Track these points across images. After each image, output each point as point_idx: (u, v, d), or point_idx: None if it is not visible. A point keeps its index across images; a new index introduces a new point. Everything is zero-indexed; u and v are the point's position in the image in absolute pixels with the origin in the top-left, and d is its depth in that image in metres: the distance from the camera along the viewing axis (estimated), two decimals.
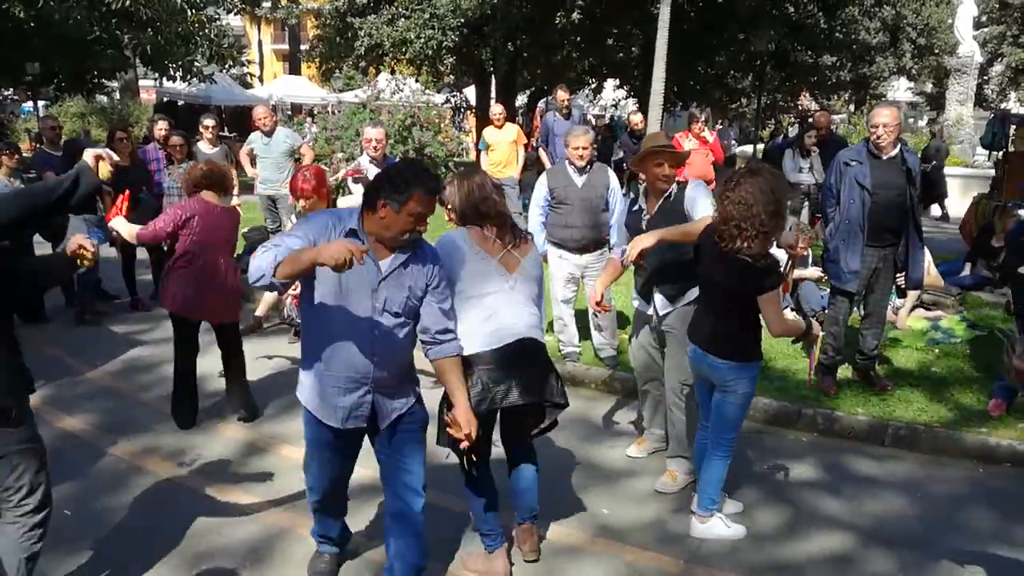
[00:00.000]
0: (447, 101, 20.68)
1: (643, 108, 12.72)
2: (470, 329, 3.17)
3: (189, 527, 3.84)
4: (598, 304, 4.11)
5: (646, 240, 3.87)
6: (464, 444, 2.96)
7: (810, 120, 10.97)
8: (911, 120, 34.16)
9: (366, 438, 3.13)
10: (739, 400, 3.66)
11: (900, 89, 38.84)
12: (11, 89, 24.32)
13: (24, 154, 9.35)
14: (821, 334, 3.74)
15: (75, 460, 4.48)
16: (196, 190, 4.93)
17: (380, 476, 3.14)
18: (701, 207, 3.98)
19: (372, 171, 6.21)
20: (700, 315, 3.81)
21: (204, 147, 7.98)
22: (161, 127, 8.05)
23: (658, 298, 4.14)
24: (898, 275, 5.40)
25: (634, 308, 4.44)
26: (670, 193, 4.07)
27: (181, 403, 4.96)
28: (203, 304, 4.80)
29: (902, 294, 6.08)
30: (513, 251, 3.31)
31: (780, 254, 6.93)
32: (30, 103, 21.46)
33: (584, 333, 6.05)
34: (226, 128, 23.54)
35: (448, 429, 3.03)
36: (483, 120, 16.70)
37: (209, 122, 8.26)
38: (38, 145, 7.35)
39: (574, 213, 5.53)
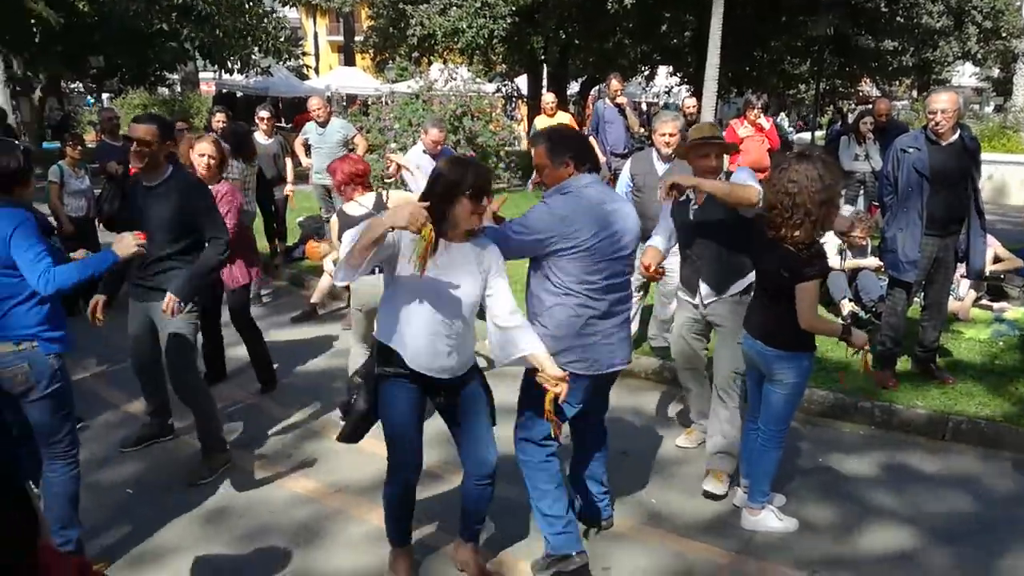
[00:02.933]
0: (498, 90, 20.67)
1: (697, 95, 12.55)
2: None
3: (242, 507, 3.95)
4: (648, 269, 3.84)
5: (686, 180, 3.81)
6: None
7: (869, 106, 10.68)
8: (976, 106, 33.01)
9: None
10: (787, 391, 3.59)
11: (965, 75, 37.55)
12: (77, 83, 25.10)
13: (88, 145, 9.65)
14: (867, 346, 3.55)
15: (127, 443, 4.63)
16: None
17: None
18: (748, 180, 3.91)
19: (426, 162, 6.22)
20: (754, 303, 3.76)
21: (260, 138, 8.14)
22: (219, 118, 8.22)
23: (703, 287, 4.05)
24: (959, 264, 5.25)
25: (677, 297, 4.36)
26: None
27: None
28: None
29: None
30: None
31: (832, 244, 6.82)
32: (94, 96, 22.08)
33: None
34: (283, 119, 23.92)
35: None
36: (535, 109, 16.65)
37: (264, 114, 8.42)
38: (101, 136, 7.57)
39: (652, 202, 5.35)
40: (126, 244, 3.28)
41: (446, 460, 4.28)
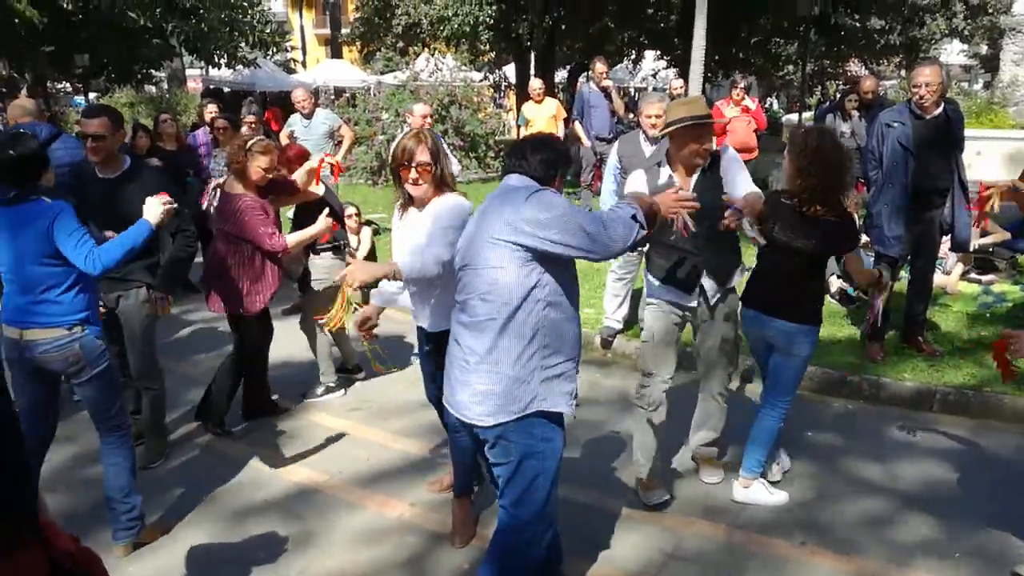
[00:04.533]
0: (485, 78, 20.64)
1: (684, 78, 12.54)
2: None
3: (239, 494, 3.99)
4: None
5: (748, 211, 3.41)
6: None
7: (855, 84, 10.69)
8: (965, 84, 33.01)
9: None
10: (800, 363, 3.69)
11: (953, 52, 37.49)
12: (63, 82, 24.96)
13: None
14: (889, 283, 3.79)
15: None
16: None
17: None
18: (743, 181, 3.66)
19: None
20: (762, 280, 3.72)
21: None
22: (211, 109, 8.22)
23: (708, 282, 3.67)
24: (944, 238, 5.29)
25: (657, 307, 3.78)
26: (706, 165, 3.68)
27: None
28: None
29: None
30: None
31: None
32: (81, 96, 21.99)
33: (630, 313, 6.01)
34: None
35: None
36: (523, 97, 16.64)
37: (250, 118, 8.27)
38: None
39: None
40: (154, 210, 3.35)
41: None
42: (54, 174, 3.60)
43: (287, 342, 5.45)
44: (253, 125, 8.07)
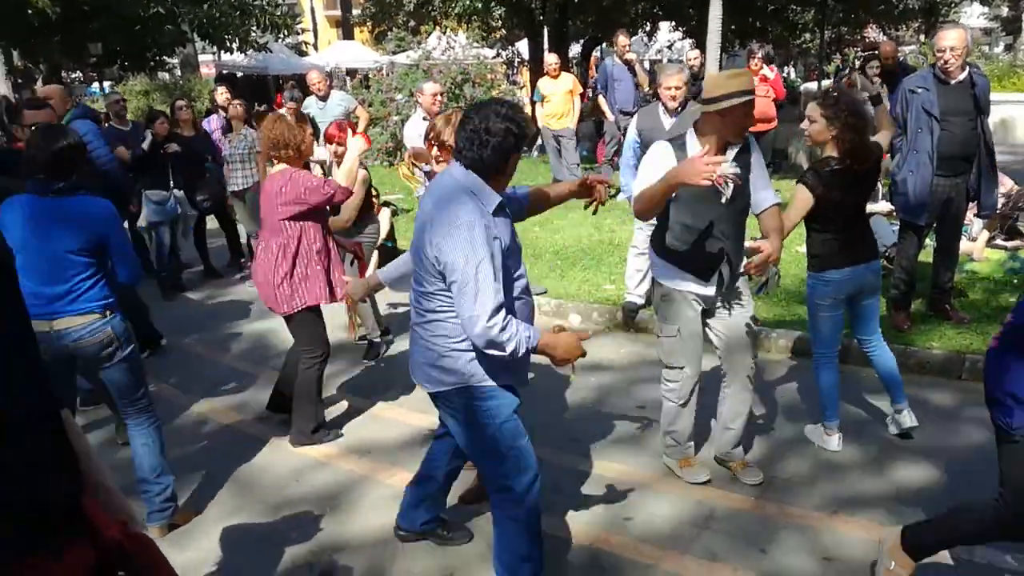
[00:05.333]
0: (498, 55, 20.49)
1: (700, 49, 12.38)
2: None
3: (270, 475, 4.04)
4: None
5: (771, 251, 3.35)
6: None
7: (875, 51, 10.53)
8: (986, 47, 32.43)
9: None
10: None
11: (973, 15, 36.86)
12: (77, 72, 25.05)
13: None
14: None
15: (162, 419, 4.71)
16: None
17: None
18: (764, 188, 3.53)
19: (426, 128, 6.17)
20: (842, 238, 3.82)
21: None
22: (221, 91, 8.24)
23: (725, 269, 3.53)
24: (971, 203, 5.22)
25: (680, 296, 3.57)
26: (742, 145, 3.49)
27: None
28: None
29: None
30: None
31: None
32: (96, 84, 22.04)
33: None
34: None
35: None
36: (536, 73, 16.51)
37: (291, 104, 8.19)
38: (107, 123, 7.57)
39: None
40: None
41: None
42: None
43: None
44: (294, 111, 8.06)
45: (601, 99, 10.07)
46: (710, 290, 3.53)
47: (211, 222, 7.96)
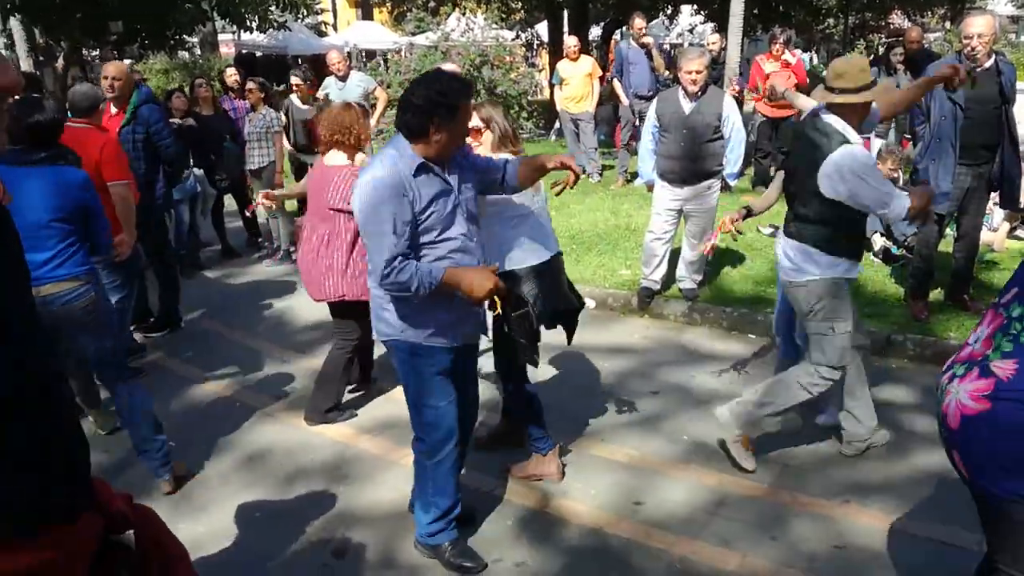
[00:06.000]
0: (517, 36, 20.37)
1: (722, 33, 12.24)
2: (518, 245, 3.36)
3: (282, 452, 4.07)
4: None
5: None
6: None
7: (899, 38, 10.39)
8: (1012, 35, 31.85)
9: None
10: None
11: (1000, 2, 36.22)
12: (98, 50, 25.12)
13: None
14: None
15: (177, 395, 4.77)
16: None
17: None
18: None
19: None
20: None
21: (296, 102, 8.03)
22: (230, 73, 8.27)
23: None
24: (992, 194, 5.16)
25: (846, 287, 3.63)
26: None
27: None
28: None
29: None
30: None
31: None
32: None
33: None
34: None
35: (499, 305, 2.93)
36: (556, 56, 16.41)
37: (295, 80, 8.20)
38: None
39: (677, 142, 5.36)
40: None
41: None
42: None
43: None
44: (299, 88, 8.07)
45: (616, 82, 9.99)
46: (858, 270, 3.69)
47: (228, 202, 8.00)
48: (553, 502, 3.57)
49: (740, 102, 9.06)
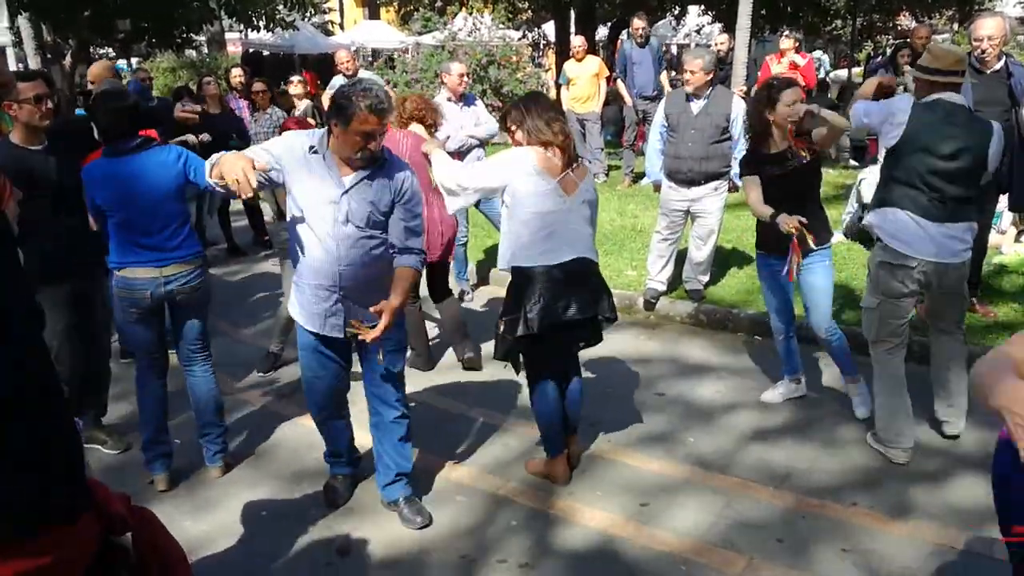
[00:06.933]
0: (523, 36, 20.35)
1: (730, 33, 12.20)
2: (529, 243, 3.37)
3: (287, 450, 4.08)
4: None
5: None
6: (370, 337, 3.08)
7: (907, 39, 10.34)
8: (1022, 37, 31.71)
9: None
10: None
11: (1010, 3, 36.04)
12: (106, 48, 25.18)
13: None
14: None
15: (182, 393, 4.76)
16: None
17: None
18: None
19: (450, 109, 6.02)
20: None
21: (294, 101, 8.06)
22: (235, 73, 8.29)
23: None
24: (1001, 196, 5.13)
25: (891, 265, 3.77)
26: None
27: None
28: None
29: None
30: (572, 174, 3.43)
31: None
32: (123, 61, 22.17)
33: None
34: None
35: (353, 327, 3.15)
36: (563, 56, 16.39)
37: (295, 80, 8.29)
38: None
39: (684, 142, 5.35)
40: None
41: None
42: None
43: None
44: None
45: (620, 84, 9.98)
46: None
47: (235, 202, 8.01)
48: (558, 503, 3.56)
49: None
